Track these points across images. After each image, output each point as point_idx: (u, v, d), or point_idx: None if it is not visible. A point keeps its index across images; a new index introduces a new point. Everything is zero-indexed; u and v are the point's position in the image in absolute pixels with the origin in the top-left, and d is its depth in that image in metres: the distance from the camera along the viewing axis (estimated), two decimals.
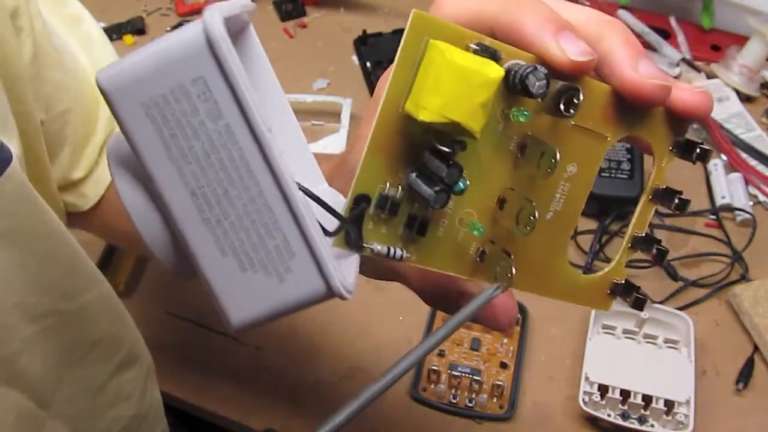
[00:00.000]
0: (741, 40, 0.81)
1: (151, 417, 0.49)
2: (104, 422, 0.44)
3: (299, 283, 0.22)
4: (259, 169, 0.21)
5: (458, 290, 0.29)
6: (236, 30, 0.27)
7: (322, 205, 0.23)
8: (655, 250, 0.28)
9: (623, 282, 0.29)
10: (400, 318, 0.62)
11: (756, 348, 0.59)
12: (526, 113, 0.25)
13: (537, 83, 0.23)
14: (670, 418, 0.53)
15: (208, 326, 0.62)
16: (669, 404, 0.53)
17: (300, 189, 0.22)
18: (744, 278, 0.64)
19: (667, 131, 0.28)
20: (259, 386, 0.59)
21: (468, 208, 0.26)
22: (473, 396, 0.56)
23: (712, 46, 0.85)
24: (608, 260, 0.65)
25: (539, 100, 0.24)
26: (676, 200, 0.28)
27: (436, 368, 0.57)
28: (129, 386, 0.47)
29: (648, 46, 0.84)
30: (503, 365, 0.58)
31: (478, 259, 0.27)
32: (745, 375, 0.57)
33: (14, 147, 0.34)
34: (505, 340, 0.60)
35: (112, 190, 0.47)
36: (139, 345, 0.48)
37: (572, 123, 0.26)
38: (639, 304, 0.29)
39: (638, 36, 0.84)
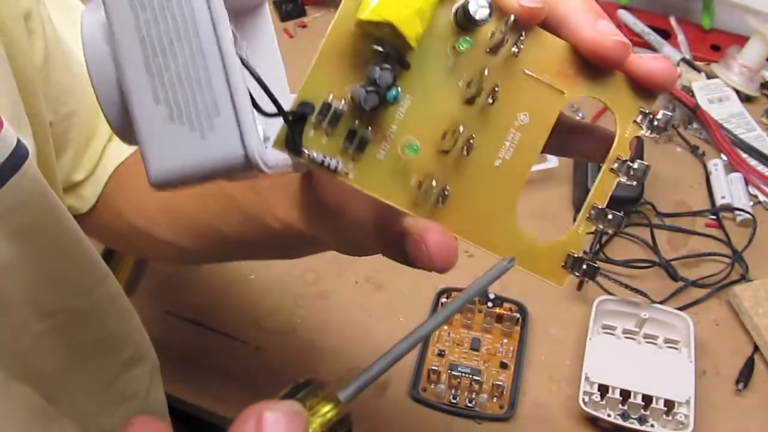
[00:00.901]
0: (741, 40, 0.81)
1: (156, 416, 0.50)
2: (111, 421, 0.45)
3: (219, 142, 0.23)
4: (205, 28, 0.23)
5: (400, 231, 0.28)
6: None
7: (263, 89, 0.24)
8: (608, 221, 0.28)
9: (578, 255, 0.28)
10: (400, 318, 0.62)
11: (756, 348, 0.59)
12: (468, 39, 0.26)
13: (479, 10, 0.24)
14: (670, 418, 0.53)
15: (208, 326, 0.62)
16: (669, 404, 0.53)
17: (243, 63, 0.23)
18: (744, 278, 0.64)
19: (631, 101, 0.28)
20: (259, 386, 0.59)
21: (411, 134, 0.26)
22: (473, 396, 0.56)
23: (712, 46, 0.85)
24: (608, 260, 0.65)
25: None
26: (635, 166, 0.27)
27: (436, 368, 0.57)
28: (135, 384, 0.47)
29: (648, 46, 0.84)
30: (503, 365, 0.58)
31: (418, 191, 0.26)
32: (745, 375, 0.57)
33: (29, 145, 0.35)
34: (505, 340, 0.60)
35: (108, 190, 0.47)
36: (145, 343, 0.49)
37: (526, 71, 0.27)
38: (591, 271, 0.28)
39: (638, 36, 0.84)
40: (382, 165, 0.26)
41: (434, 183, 0.26)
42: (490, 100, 0.26)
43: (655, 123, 0.27)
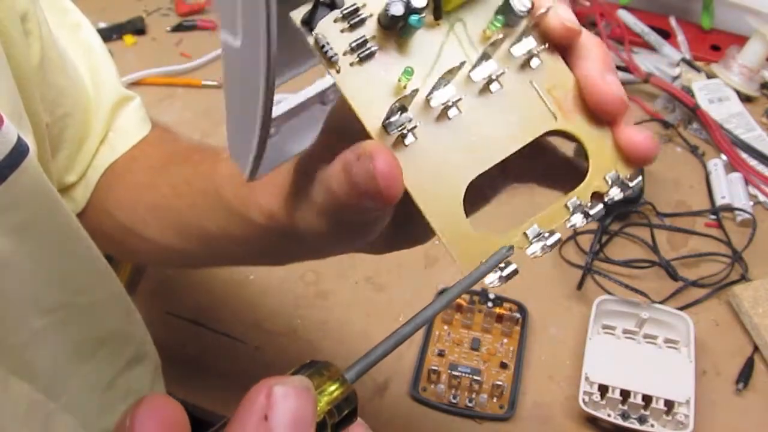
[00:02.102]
0: (741, 40, 0.81)
1: None
2: (113, 418, 0.45)
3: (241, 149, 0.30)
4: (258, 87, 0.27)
5: (355, 155, 0.28)
6: None
7: None
8: (543, 246, 0.28)
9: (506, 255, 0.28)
10: (400, 318, 0.62)
11: (756, 348, 0.59)
12: (500, 19, 0.28)
13: (519, 4, 0.27)
14: (670, 418, 0.53)
15: (208, 326, 0.62)
16: (669, 404, 0.53)
17: None
18: (744, 278, 0.64)
19: (610, 159, 0.29)
20: None
21: (412, 66, 0.27)
22: (473, 396, 0.56)
23: (712, 46, 0.85)
24: (608, 260, 0.65)
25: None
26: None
27: (436, 368, 0.57)
28: (137, 383, 0.47)
29: (648, 46, 0.84)
30: (503, 365, 0.58)
31: (390, 119, 0.27)
32: (745, 375, 0.57)
33: (30, 143, 0.35)
34: (505, 340, 0.60)
35: (98, 191, 0.48)
36: (148, 343, 0.49)
37: (533, 83, 0.28)
38: (508, 276, 0.28)
39: (638, 36, 0.84)
40: (371, 79, 0.27)
41: (409, 118, 0.27)
42: (493, 83, 0.28)
43: (605, 201, 0.29)
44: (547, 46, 0.28)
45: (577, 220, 0.29)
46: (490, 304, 0.61)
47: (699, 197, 0.71)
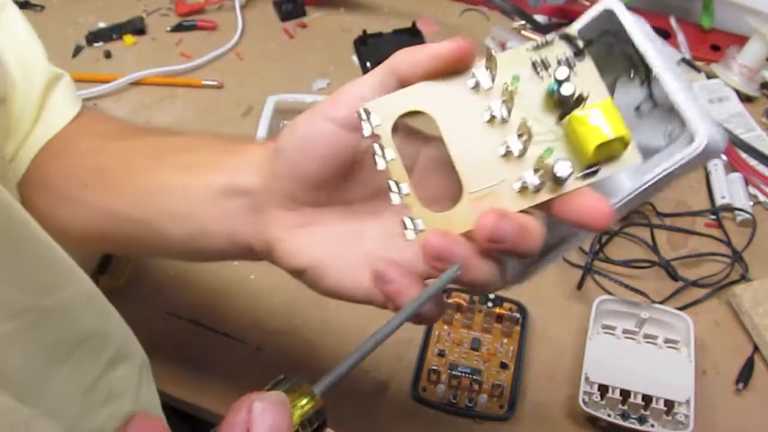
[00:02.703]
0: (741, 40, 0.81)
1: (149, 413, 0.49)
2: (98, 420, 0.44)
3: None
4: None
5: None
6: None
7: None
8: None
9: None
10: None
11: (756, 348, 0.59)
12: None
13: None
14: (670, 418, 0.53)
15: (208, 326, 0.62)
16: (669, 404, 0.54)
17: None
18: (744, 278, 0.64)
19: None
20: (259, 386, 0.59)
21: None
22: (473, 396, 0.56)
23: (712, 46, 0.85)
24: (608, 260, 0.65)
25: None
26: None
27: (436, 368, 0.57)
28: (123, 384, 0.46)
29: None
30: (503, 365, 0.58)
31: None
32: (745, 375, 0.57)
33: None
34: (505, 340, 0.60)
35: (32, 172, 0.47)
36: (130, 341, 0.47)
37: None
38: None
39: None
40: None
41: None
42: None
43: None
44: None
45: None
46: (490, 304, 0.61)
47: (699, 197, 0.71)
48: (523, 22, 0.87)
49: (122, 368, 0.46)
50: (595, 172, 0.32)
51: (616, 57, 0.34)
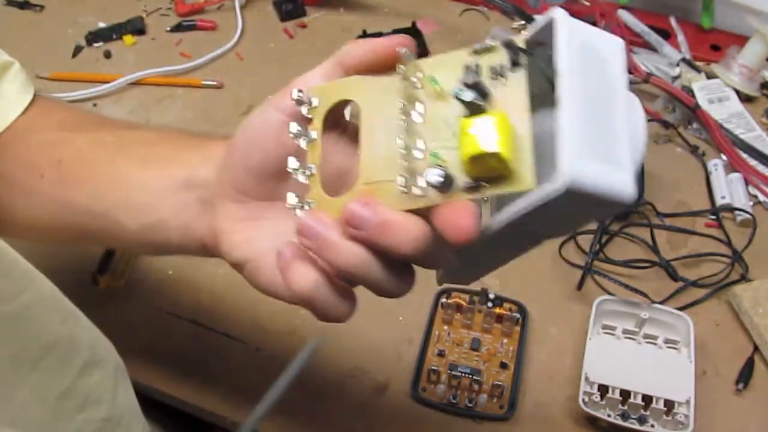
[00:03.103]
0: (741, 40, 0.81)
1: (127, 418, 0.47)
2: (73, 426, 0.42)
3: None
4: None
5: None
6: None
7: None
8: None
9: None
10: (400, 318, 0.62)
11: (756, 348, 0.59)
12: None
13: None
14: (670, 418, 0.53)
15: (208, 326, 0.62)
16: (669, 404, 0.53)
17: None
18: (744, 278, 0.64)
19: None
20: (259, 386, 0.59)
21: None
22: (473, 396, 0.56)
23: (712, 46, 0.85)
24: (608, 260, 0.65)
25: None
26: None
27: (436, 368, 0.57)
28: (98, 389, 0.44)
29: (648, 46, 0.84)
30: (503, 365, 0.58)
31: None
32: (745, 375, 0.57)
33: None
34: (505, 340, 0.60)
35: None
36: (103, 345, 0.46)
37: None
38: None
39: (638, 36, 0.84)
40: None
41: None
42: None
43: None
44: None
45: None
46: (490, 304, 0.61)
47: (699, 197, 0.71)
48: (523, 22, 0.87)
49: (97, 374, 0.44)
50: (476, 188, 0.29)
51: (539, 76, 0.30)
